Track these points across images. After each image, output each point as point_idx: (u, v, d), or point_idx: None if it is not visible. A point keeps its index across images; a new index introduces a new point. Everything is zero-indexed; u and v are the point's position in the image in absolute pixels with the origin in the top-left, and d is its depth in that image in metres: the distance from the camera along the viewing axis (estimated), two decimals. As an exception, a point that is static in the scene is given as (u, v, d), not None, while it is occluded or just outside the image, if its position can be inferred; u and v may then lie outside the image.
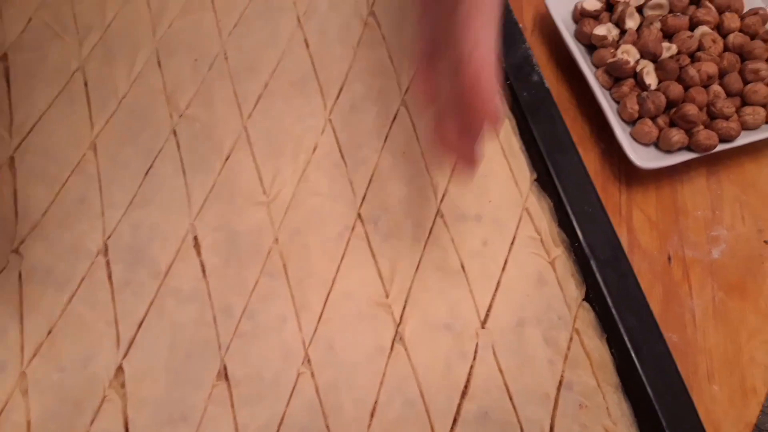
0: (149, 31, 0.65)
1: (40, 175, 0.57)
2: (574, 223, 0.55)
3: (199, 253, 0.55)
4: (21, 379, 0.49)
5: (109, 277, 0.53)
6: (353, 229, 0.57)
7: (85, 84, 0.62)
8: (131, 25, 0.66)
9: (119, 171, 0.58)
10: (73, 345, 0.51)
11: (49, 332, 0.51)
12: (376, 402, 0.50)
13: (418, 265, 0.55)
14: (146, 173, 0.58)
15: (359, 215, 0.57)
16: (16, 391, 0.49)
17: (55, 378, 0.49)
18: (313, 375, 0.51)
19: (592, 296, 0.54)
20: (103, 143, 0.59)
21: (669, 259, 0.60)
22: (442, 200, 0.58)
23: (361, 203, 0.58)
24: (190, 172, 0.58)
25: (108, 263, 0.54)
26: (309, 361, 0.51)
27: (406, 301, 0.54)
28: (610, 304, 0.52)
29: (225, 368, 0.50)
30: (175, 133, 0.60)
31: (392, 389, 0.50)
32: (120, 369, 0.50)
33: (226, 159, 0.59)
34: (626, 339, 0.51)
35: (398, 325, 0.53)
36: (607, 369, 0.52)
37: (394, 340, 0.52)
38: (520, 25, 0.65)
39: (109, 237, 0.55)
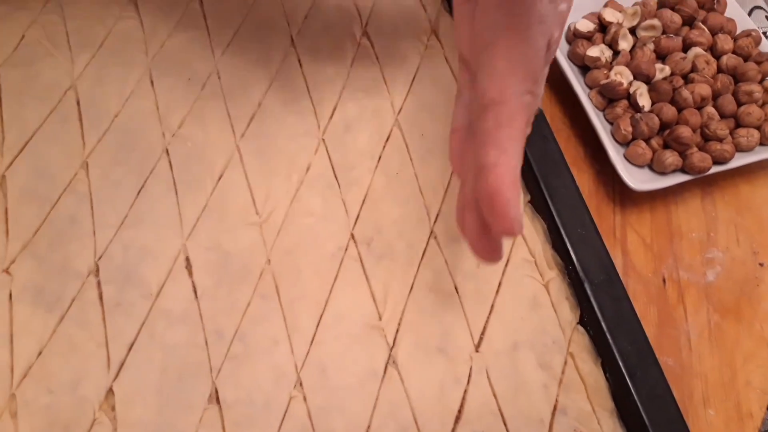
0: (142, 50, 0.65)
1: (31, 195, 0.57)
2: (568, 245, 0.55)
3: (190, 274, 0.54)
4: (10, 401, 0.49)
5: (100, 297, 0.53)
6: (346, 249, 0.56)
7: (78, 103, 0.62)
8: (124, 44, 0.66)
9: (111, 190, 0.57)
10: (63, 367, 0.50)
11: (39, 353, 0.50)
12: (368, 427, 0.49)
13: (412, 287, 0.55)
14: (138, 193, 0.58)
15: (352, 236, 0.57)
16: (6, 414, 0.48)
17: (45, 400, 0.49)
18: (305, 399, 0.50)
19: (587, 320, 0.54)
20: (95, 162, 0.59)
21: (664, 281, 0.60)
22: (435, 221, 0.58)
23: (354, 224, 0.57)
24: (183, 191, 0.58)
25: (99, 284, 0.53)
26: (301, 384, 0.51)
27: (399, 324, 0.53)
28: (604, 327, 0.52)
29: (216, 391, 0.50)
30: (167, 152, 0.60)
31: (385, 414, 0.50)
32: (110, 391, 0.49)
33: (219, 178, 0.59)
34: (621, 363, 0.50)
35: (392, 348, 0.52)
36: (602, 394, 0.52)
37: (387, 363, 0.52)
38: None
39: (100, 257, 0.54)
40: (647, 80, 0.64)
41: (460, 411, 0.50)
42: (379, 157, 0.60)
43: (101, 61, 0.64)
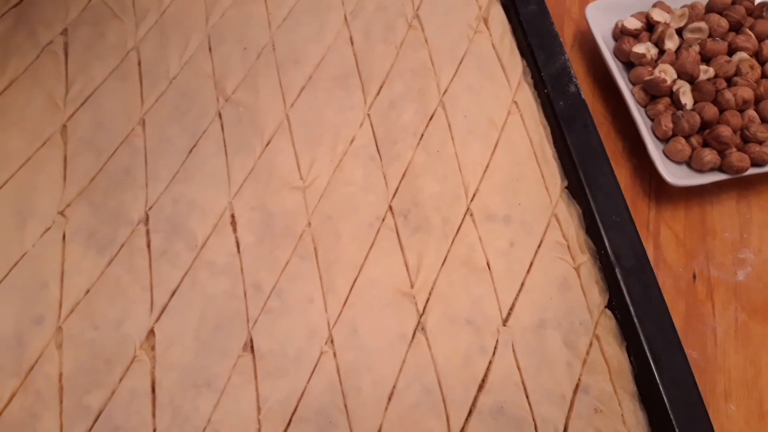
0: (203, 18, 0.68)
1: (89, 145, 0.60)
2: (602, 231, 0.56)
3: (234, 230, 0.57)
4: (57, 333, 0.52)
5: (148, 245, 0.56)
6: (383, 220, 0.58)
7: (139, 63, 0.65)
8: (186, 12, 0.69)
9: (165, 147, 0.60)
10: (108, 306, 0.53)
11: (87, 292, 0.53)
12: (394, 387, 0.51)
13: (445, 260, 0.56)
14: (190, 151, 0.60)
15: (390, 207, 0.59)
16: (52, 344, 0.51)
17: (90, 335, 0.51)
18: (335, 355, 0.52)
19: (615, 304, 0.55)
20: (151, 119, 0.62)
21: (694, 277, 0.61)
22: (472, 199, 0.59)
23: (393, 196, 0.59)
24: (232, 153, 0.60)
25: (148, 232, 0.56)
26: (332, 341, 0.53)
27: (430, 293, 0.55)
28: (633, 312, 0.53)
29: (251, 341, 0.52)
30: (220, 115, 0.63)
31: (411, 376, 0.52)
32: (151, 332, 0.52)
33: (267, 144, 0.61)
34: (646, 348, 0.51)
35: (421, 316, 0.54)
36: (625, 377, 0.52)
37: (416, 329, 0.54)
38: (561, 39, 0.66)
39: (150, 207, 0.57)
40: (691, 80, 0.65)
41: (483, 380, 0.52)
42: (422, 135, 0.62)
43: (163, 26, 0.67)
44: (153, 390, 0.50)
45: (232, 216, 0.57)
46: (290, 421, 0.50)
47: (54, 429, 0.48)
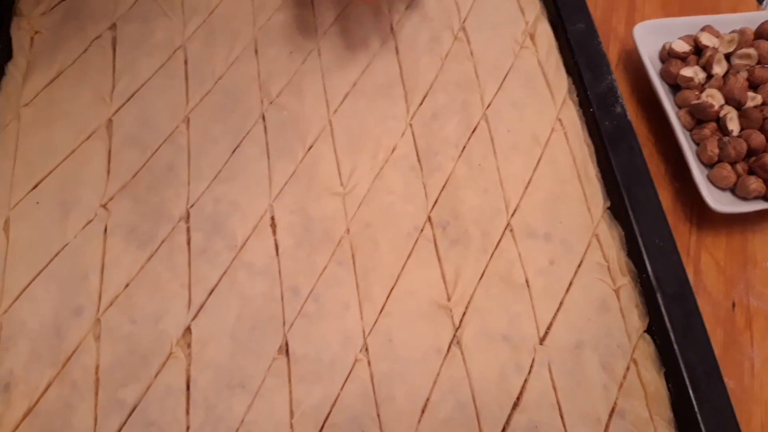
0: (250, 20, 0.69)
1: (134, 140, 0.60)
2: (644, 254, 0.55)
3: (274, 233, 0.57)
4: (95, 325, 0.52)
5: (188, 242, 0.56)
6: (422, 230, 0.58)
7: (185, 62, 0.66)
8: (234, 14, 0.69)
9: (208, 146, 0.61)
10: (147, 301, 0.53)
11: (126, 286, 0.53)
12: (428, 399, 0.51)
13: (483, 274, 0.56)
14: (233, 151, 0.61)
15: (429, 218, 0.59)
16: (90, 336, 0.51)
17: (128, 329, 0.51)
18: (369, 363, 0.52)
19: (655, 329, 0.54)
20: (196, 118, 0.62)
21: (733, 305, 0.60)
22: (513, 215, 0.59)
23: (432, 207, 0.59)
24: (274, 156, 0.61)
25: (188, 230, 0.56)
26: (367, 349, 0.52)
27: (467, 307, 0.55)
28: (673, 338, 0.52)
29: (287, 344, 0.52)
30: (264, 118, 0.63)
31: (445, 390, 0.51)
32: (188, 330, 0.52)
33: (309, 148, 0.61)
34: (685, 375, 0.51)
35: (457, 329, 0.54)
36: (662, 403, 0.52)
37: (451, 342, 0.53)
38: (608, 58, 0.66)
39: (192, 206, 0.57)
40: (738, 106, 0.64)
41: (518, 398, 0.51)
42: (464, 147, 0.62)
43: (211, 26, 0.68)
44: (188, 387, 0.50)
45: (272, 218, 0.58)
46: (323, 426, 0.49)
47: (88, 421, 0.48)
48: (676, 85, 0.67)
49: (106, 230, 0.56)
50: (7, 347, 0.50)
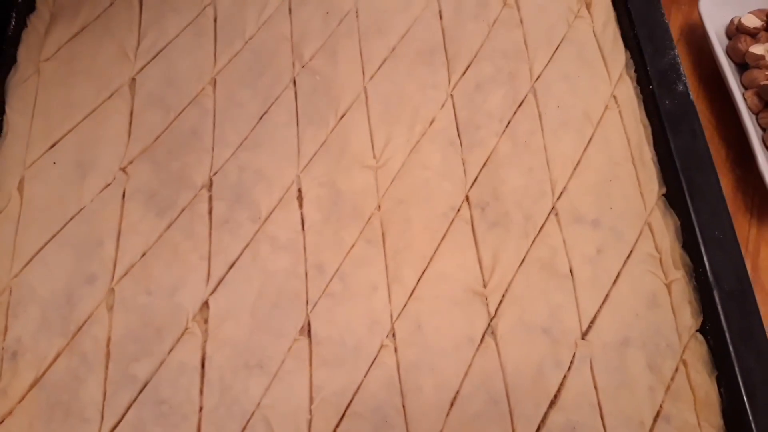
0: (285, -22, 0.64)
1: (157, 101, 0.57)
2: (702, 247, 0.50)
3: (301, 206, 0.53)
4: (108, 295, 0.49)
5: (210, 212, 0.53)
6: (459, 210, 0.54)
7: (215, 20, 0.62)
8: (268, -30, 0.65)
9: (235, 110, 0.57)
10: (164, 272, 0.50)
11: (143, 255, 0.51)
12: (458, 392, 0.47)
13: (523, 261, 0.52)
14: (261, 117, 0.57)
15: (467, 198, 0.55)
16: (102, 306, 0.49)
17: (142, 300, 0.49)
18: (396, 350, 0.48)
19: (709, 328, 0.49)
20: (223, 80, 0.59)
21: (794, 306, 0.55)
22: (559, 198, 0.54)
23: (471, 186, 0.55)
24: (304, 123, 0.57)
25: (210, 198, 0.53)
26: (394, 335, 0.49)
27: (504, 295, 0.51)
28: (728, 339, 0.48)
29: (309, 324, 0.49)
30: (294, 82, 0.59)
31: (477, 383, 0.48)
32: (206, 304, 0.49)
33: (341, 117, 0.57)
34: (740, 380, 0.46)
35: (492, 318, 0.50)
36: (712, 409, 0.47)
37: (485, 332, 0.50)
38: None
39: (215, 173, 0.54)
40: (813, 89, 0.58)
41: (556, 396, 0.47)
42: (509, 122, 0.57)
43: (244, -18, 0.64)
44: (203, 365, 0.47)
45: (299, 190, 0.54)
46: (344, 414, 0.46)
47: (97, 396, 0.46)
48: (743, 64, 0.62)
49: (124, 195, 0.53)
50: (16, 314, 0.48)
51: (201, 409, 0.46)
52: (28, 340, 0.47)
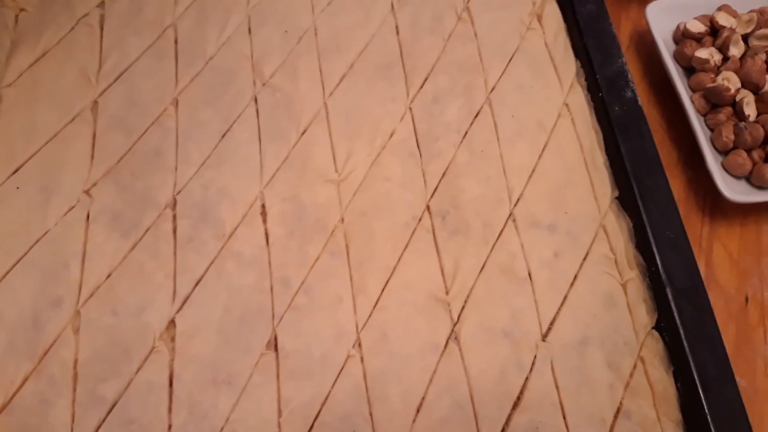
0: (244, -2, 0.66)
1: (120, 123, 0.58)
2: (654, 247, 0.52)
3: (264, 221, 0.54)
4: (75, 317, 0.49)
5: (174, 231, 0.53)
6: (420, 220, 0.55)
7: (176, 41, 0.63)
8: (227, -10, 0.66)
9: (197, 129, 0.58)
10: (130, 292, 0.50)
11: (109, 276, 0.51)
12: (423, 398, 0.48)
13: (483, 267, 0.53)
14: (223, 135, 0.58)
15: (428, 207, 0.56)
16: (69, 328, 0.49)
17: (108, 321, 0.49)
18: (362, 360, 0.49)
19: (663, 325, 0.51)
20: (185, 100, 0.59)
21: (746, 300, 0.57)
22: (516, 204, 0.56)
23: (432, 195, 0.56)
24: (266, 140, 0.58)
25: (175, 217, 0.54)
26: (360, 345, 0.50)
27: (466, 301, 0.52)
28: (683, 335, 0.49)
29: (276, 338, 0.49)
30: (256, 100, 0.60)
31: (442, 388, 0.49)
32: (172, 323, 0.50)
33: (303, 132, 0.59)
34: (695, 375, 0.48)
35: (455, 324, 0.51)
36: (670, 403, 0.49)
37: (449, 338, 0.51)
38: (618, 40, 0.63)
39: (179, 192, 0.55)
40: (756, 90, 0.61)
41: (519, 397, 0.49)
42: (465, 133, 0.59)
43: (203, 3, 0.65)
44: (171, 383, 0.48)
45: (263, 206, 0.55)
46: (312, 425, 0.47)
47: (66, 418, 0.46)
48: (690, 68, 0.64)
49: (88, 217, 0.53)
50: (-18, 339, 0.48)
51: (170, 427, 0.46)
52: (-6, 366, 0.47)
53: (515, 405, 0.48)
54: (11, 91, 0.59)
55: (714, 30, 0.65)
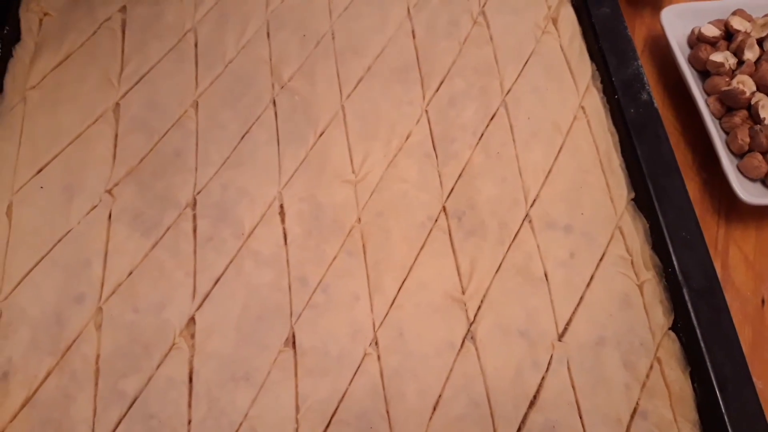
0: (262, 2, 0.67)
1: (141, 124, 0.59)
2: (670, 248, 0.52)
3: (283, 221, 0.55)
4: (97, 314, 0.50)
5: (194, 230, 0.54)
6: (436, 220, 0.56)
7: (196, 45, 0.64)
8: (247, -4, 0.67)
9: (217, 131, 0.59)
10: (150, 289, 0.51)
11: (130, 273, 0.52)
12: (440, 396, 0.48)
13: (499, 267, 0.54)
14: (242, 137, 0.59)
15: (444, 208, 0.56)
16: (91, 325, 0.50)
17: (130, 318, 0.50)
18: (379, 358, 0.50)
19: (680, 326, 0.51)
20: (205, 103, 0.60)
21: (763, 302, 0.57)
22: (532, 205, 0.56)
23: (448, 196, 0.57)
24: (284, 142, 0.59)
25: (195, 217, 0.55)
26: (377, 343, 0.50)
27: (482, 301, 0.52)
28: (699, 336, 0.49)
29: (293, 336, 0.50)
30: (274, 102, 0.61)
31: (458, 387, 0.49)
32: (192, 320, 0.50)
33: (321, 134, 0.59)
34: (712, 375, 0.48)
35: (471, 324, 0.51)
36: (687, 404, 0.49)
37: (465, 337, 0.51)
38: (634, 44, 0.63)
39: (199, 192, 0.56)
40: (771, 93, 0.61)
41: (535, 396, 0.49)
42: (482, 135, 0.60)
43: (223, 8, 0.66)
44: (190, 380, 0.48)
45: (281, 206, 0.56)
46: (329, 422, 0.47)
47: (87, 412, 0.46)
48: (705, 72, 0.64)
49: (110, 216, 0.54)
50: (6, 335, 0.49)
51: (189, 422, 0.47)
52: (18, 360, 0.48)
53: (531, 404, 0.49)
54: (35, 93, 0.60)
55: (728, 34, 0.65)
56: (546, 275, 0.53)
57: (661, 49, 0.70)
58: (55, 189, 0.55)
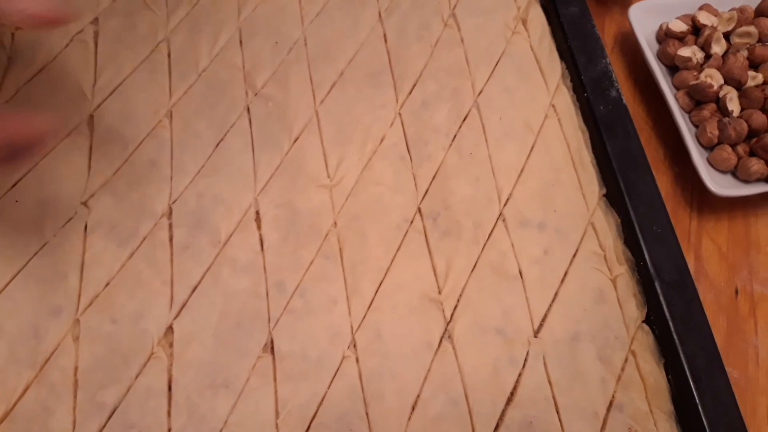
0: (234, 11, 0.67)
1: (116, 135, 0.59)
2: (641, 242, 0.53)
3: (259, 227, 0.55)
4: (74, 326, 0.50)
5: (170, 239, 0.54)
6: (412, 222, 0.56)
7: (169, 55, 0.64)
8: (218, 4, 0.67)
9: (191, 140, 0.59)
10: (128, 299, 0.51)
11: (107, 284, 0.52)
12: (418, 396, 0.49)
13: (475, 266, 0.54)
14: (217, 145, 0.59)
15: (419, 209, 0.57)
16: (68, 337, 0.50)
17: (108, 329, 0.50)
18: (357, 360, 0.50)
19: (653, 319, 0.52)
20: (179, 112, 0.61)
21: (736, 292, 0.58)
22: (506, 204, 0.57)
23: (423, 198, 0.57)
24: (259, 148, 0.59)
25: (171, 226, 0.55)
26: (355, 345, 0.51)
27: (458, 300, 0.53)
28: (672, 328, 0.50)
29: (272, 341, 0.50)
30: (248, 110, 0.61)
31: (436, 386, 0.49)
32: (170, 329, 0.51)
33: (295, 140, 0.60)
34: (686, 367, 0.49)
35: (448, 323, 0.52)
36: (662, 395, 0.50)
37: (442, 337, 0.51)
38: (602, 41, 0.64)
39: (174, 201, 0.56)
40: (738, 86, 0.62)
41: (512, 393, 0.49)
42: (454, 136, 0.60)
43: (195, 17, 0.66)
44: (169, 388, 0.48)
45: (257, 213, 0.56)
46: (309, 426, 0.48)
47: (67, 424, 0.47)
48: (673, 67, 0.65)
49: (86, 228, 0.54)
50: (-17, 349, 0.49)
51: (169, 430, 0.47)
52: (-4, 375, 0.48)
53: (509, 400, 0.49)
54: (8, 107, 0.60)
55: (696, 29, 0.66)
56: (521, 273, 0.54)
57: (630, 45, 0.70)
58: (29, 202, 0.55)
